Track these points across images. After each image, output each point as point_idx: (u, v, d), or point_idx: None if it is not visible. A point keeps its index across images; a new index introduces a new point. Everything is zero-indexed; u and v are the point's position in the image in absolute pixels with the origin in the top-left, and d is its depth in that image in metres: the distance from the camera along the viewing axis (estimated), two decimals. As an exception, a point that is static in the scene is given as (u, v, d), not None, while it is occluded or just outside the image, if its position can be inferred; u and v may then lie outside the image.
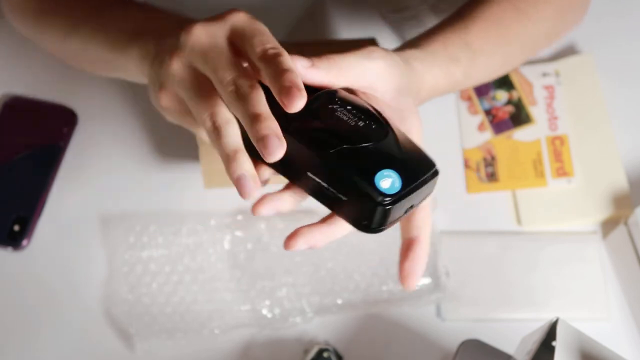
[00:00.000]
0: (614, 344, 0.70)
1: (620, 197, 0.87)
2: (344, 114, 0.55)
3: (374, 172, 0.53)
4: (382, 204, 0.53)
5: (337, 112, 0.55)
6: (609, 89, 0.93)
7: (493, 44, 0.72)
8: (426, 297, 0.83)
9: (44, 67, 0.95)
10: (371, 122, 0.56)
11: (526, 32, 0.76)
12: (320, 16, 0.99)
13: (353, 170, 0.54)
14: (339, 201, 0.55)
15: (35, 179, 0.89)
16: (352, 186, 0.54)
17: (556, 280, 0.85)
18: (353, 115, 0.56)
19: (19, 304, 0.85)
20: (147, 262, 0.85)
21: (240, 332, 0.82)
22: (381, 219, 0.54)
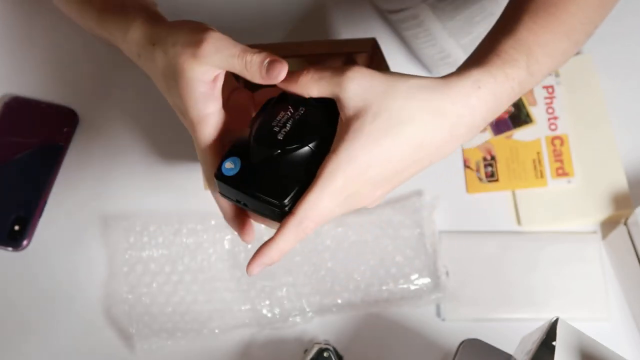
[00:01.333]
0: (614, 344, 0.70)
1: (620, 197, 0.87)
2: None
3: (227, 155, 0.61)
4: (216, 175, 0.61)
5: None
6: (609, 89, 0.93)
7: (551, 38, 0.66)
8: (426, 297, 0.83)
9: (44, 67, 0.95)
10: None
11: (574, 19, 0.69)
12: (320, 16, 0.99)
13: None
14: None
15: (36, 179, 0.89)
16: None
17: (556, 280, 0.85)
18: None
19: (19, 304, 0.85)
20: (147, 262, 0.85)
21: (240, 332, 0.82)
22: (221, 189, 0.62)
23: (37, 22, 0.97)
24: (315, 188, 0.58)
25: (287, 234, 0.59)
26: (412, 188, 0.89)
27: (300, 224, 0.59)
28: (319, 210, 0.59)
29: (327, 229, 0.86)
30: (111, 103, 0.94)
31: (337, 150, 0.58)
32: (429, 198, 0.87)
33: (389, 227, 0.86)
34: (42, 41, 0.96)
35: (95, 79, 0.94)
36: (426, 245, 0.86)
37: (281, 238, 0.60)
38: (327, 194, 0.58)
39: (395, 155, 0.59)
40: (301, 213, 0.59)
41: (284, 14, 0.99)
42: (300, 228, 0.59)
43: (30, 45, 0.97)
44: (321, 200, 0.58)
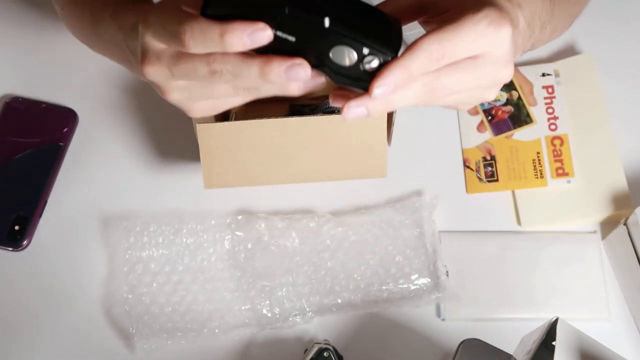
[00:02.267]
0: (614, 344, 0.70)
1: (620, 197, 0.87)
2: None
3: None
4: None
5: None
6: (609, 89, 0.93)
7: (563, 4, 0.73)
8: (426, 297, 0.83)
9: (44, 67, 0.95)
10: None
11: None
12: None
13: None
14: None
15: (36, 179, 0.89)
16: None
17: (556, 280, 0.85)
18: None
19: (19, 304, 0.85)
20: (147, 261, 0.85)
21: (240, 332, 0.82)
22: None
23: (37, 22, 0.97)
24: (456, 22, 0.56)
25: (420, 53, 0.55)
26: (412, 188, 0.89)
27: (433, 47, 0.56)
28: (454, 42, 0.56)
29: (327, 228, 0.86)
30: (111, 103, 0.94)
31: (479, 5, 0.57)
32: (429, 198, 0.87)
33: (389, 227, 0.86)
34: (43, 41, 0.96)
35: (95, 79, 0.94)
36: (426, 245, 0.86)
37: (411, 55, 0.55)
38: (468, 28, 0.56)
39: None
40: (437, 37, 0.56)
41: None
42: (432, 52, 0.56)
43: (30, 45, 0.97)
44: (464, 31, 0.56)
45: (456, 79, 0.58)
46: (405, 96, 0.57)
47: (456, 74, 0.58)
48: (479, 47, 0.58)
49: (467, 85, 0.60)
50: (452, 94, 0.60)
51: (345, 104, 0.56)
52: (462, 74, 0.58)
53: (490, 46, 0.58)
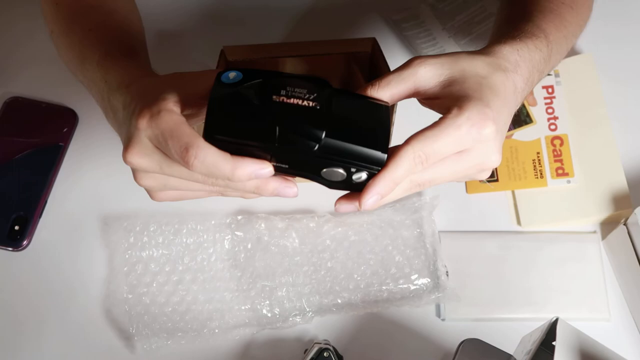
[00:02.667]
0: (614, 344, 0.70)
1: (620, 197, 0.87)
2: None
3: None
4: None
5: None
6: (609, 89, 0.93)
7: (558, 35, 0.73)
8: (426, 297, 0.83)
9: (44, 67, 0.95)
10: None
11: (574, 21, 0.78)
12: (320, 16, 0.99)
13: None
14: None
15: (36, 179, 0.89)
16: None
17: (556, 280, 0.85)
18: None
19: (19, 304, 0.85)
20: (147, 261, 0.85)
21: (240, 332, 0.82)
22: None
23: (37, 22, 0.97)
24: (439, 126, 0.58)
25: (403, 162, 0.58)
26: (412, 188, 0.89)
27: (416, 154, 0.58)
28: (437, 146, 0.58)
29: (327, 228, 0.86)
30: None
31: (462, 102, 0.59)
32: (429, 198, 0.87)
33: (389, 227, 0.86)
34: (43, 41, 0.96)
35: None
36: (426, 245, 0.86)
37: (395, 165, 0.58)
38: (449, 133, 0.58)
39: (502, 105, 0.62)
40: (419, 144, 0.58)
41: (284, 14, 0.99)
42: (416, 158, 0.58)
43: (30, 45, 0.97)
44: (446, 136, 0.58)
45: (441, 172, 0.61)
46: (394, 194, 0.60)
47: (442, 168, 0.60)
48: (462, 146, 0.60)
49: (455, 177, 0.62)
50: (442, 182, 0.62)
51: (338, 203, 0.61)
52: (448, 168, 0.60)
53: (473, 143, 0.60)
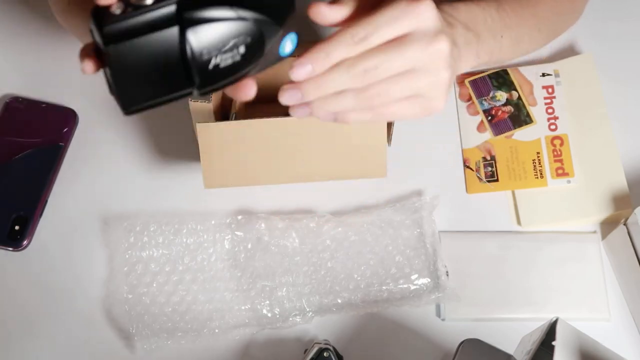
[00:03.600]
0: (614, 344, 0.70)
1: (620, 197, 0.87)
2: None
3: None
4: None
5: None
6: (609, 89, 0.93)
7: (518, 7, 0.75)
8: (426, 297, 0.83)
9: (44, 67, 0.95)
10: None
11: (551, 10, 0.80)
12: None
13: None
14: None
15: (36, 179, 0.89)
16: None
17: (556, 280, 0.85)
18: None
19: (19, 304, 0.85)
20: (147, 261, 0.85)
21: (241, 332, 0.82)
22: None
23: (37, 22, 0.97)
24: (376, 8, 0.57)
25: (337, 35, 0.57)
26: (412, 188, 0.89)
27: (352, 29, 0.57)
28: (374, 22, 0.57)
29: (327, 228, 0.86)
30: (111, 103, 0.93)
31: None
32: (429, 198, 0.87)
33: (389, 227, 0.86)
34: (42, 41, 0.96)
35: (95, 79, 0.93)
36: (426, 245, 0.86)
37: (330, 38, 0.57)
38: (384, 11, 0.57)
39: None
40: (357, 22, 0.57)
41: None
42: (353, 33, 0.57)
43: (30, 45, 0.97)
44: (381, 13, 0.57)
45: (386, 65, 0.58)
46: (342, 101, 0.58)
47: (387, 54, 0.58)
48: (403, 24, 0.58)
49: (404, 83, 0.59)
50: (393, 102, 0.60)
51: (281, 89, 0.58)
52: (393, 55, 0.58)
53: (412, 22, 0.58)
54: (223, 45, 0.54)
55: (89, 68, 0.55)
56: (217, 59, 0.54)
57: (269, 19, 0.55)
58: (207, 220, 0.86)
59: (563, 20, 0.86)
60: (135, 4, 0.52)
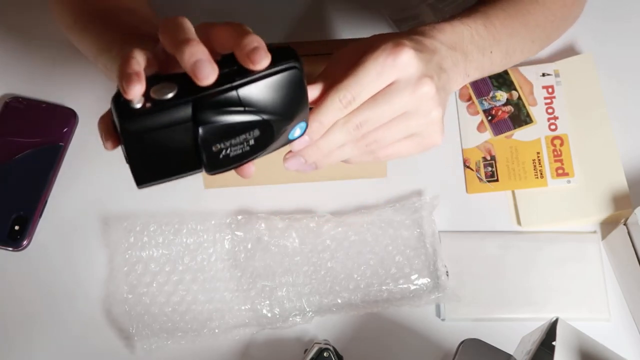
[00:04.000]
0: (614, 344, 0.70)
1: (620, 197, 0.87)
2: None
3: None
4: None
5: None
6: (609, 89, 0.93)
7: (509, 21, 0.76)
8: (426, 297, 0.83)
9: (44, 67, 0.95)
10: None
11: (543, 19, 0.80)
12: (320, 16, 0.99)
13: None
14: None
15: (36, 179, 0.89)
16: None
17: (556, 280, 0.85)
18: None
19: (19, 304, 0.85)
20: (147, 261, 0.85)
21: (240, 332, 0.82)
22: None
23: (37, 22, 0.97)
24: (357, 66, 0.59)
25: (327, 103, 0.59)
26: (412, 188, 0.89)
27: (340, 94, 0.59)
28: (360, 82, 0.59)
29: (327, 228, 0.86)
30: (111, 103, 0.94)
31: (376, 45, 0.60)
32: (429, 198, 0.87)
33: (389, 227, 0.86)
34: (42, 41, 0.96)
35: (95, 79, 0.94)
36: (426, 245, 0.86)
37: (321, 107, 0.59)
38: (366, 67, 0.59)
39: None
40: (342, 84, 0.59)
41: (284, 14, 0.99)
42: (341, 98, 0.59)
43: (30, 45, 0.97)
44: (364, 70, 0.59)
45: (379, 113, 0.61)
46: (343, 152, 0.62)
47: (377, 108, 0.61)
48: (386, 78, 0.60)
49: (398, 127, 0.62)
50: (390, 144, 0.63)
51: (284, 158, 0.62)
52: (383, 108, 0.61)
53: (397, 73, 0.60)
54: (233, 140, 0.57)
55: (110, 146, 0.59)
56: (227, 150, 0.58)
57: (281, 117, 0.58)
58: (207, 220, 0.86)
59: (557, 27, 0.85)
60: (155, 98, 0.54)
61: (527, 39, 0.80)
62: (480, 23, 0.72)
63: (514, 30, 0.76)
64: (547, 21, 0.82)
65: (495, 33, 0.74)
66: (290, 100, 0.57)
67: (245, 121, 0.57)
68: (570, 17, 0.86)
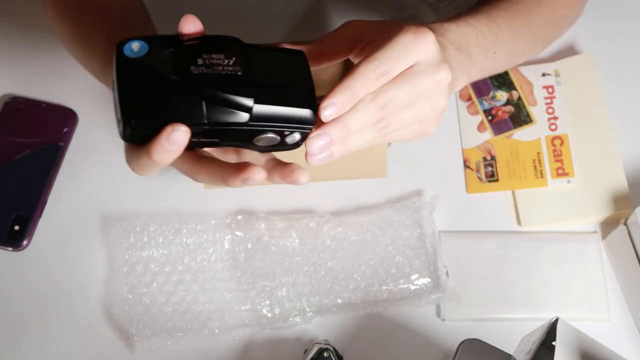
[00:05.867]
0: (614, 344, 0.70)
1: (620, 197, 0.87)
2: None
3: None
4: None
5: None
6: (609, 89, 0.93)
7: (512, 21, 0.76)
8: (426, 297, 0.83)
9: (44, 67, 0.95)
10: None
11: (545, 19, 0.80)
12: (320, 16, 0.99)
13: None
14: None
15: (36, 179, 0.89)
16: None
17: (556, 280, 0.85)
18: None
19: (19, 303, 0.85)
20: (147, 261, 0.85)
21: (240, 332, 0.82)
22: None
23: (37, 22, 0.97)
24: (386, 42, 0.59)
25: (361, 72, 0.58)
26: (412, 188, 0.89)
27: (372, 64, 0.59)
28: (390, 56, 0.59)
29: (327, 228, 0.86)
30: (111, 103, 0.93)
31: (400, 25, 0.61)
32: (429, 198, 0.87)
33: (389, 227, 0.86)
34: (42, 41, 0.96)
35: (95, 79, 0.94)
36: (426, 245, 0.86)
37: (355, 75, 0.58)
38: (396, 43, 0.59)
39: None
40: (375, 56, 0.59)
41: (284, 14, 0.99)
42: (374, 69, 0.59)
43: (30, 45, 0.97)
44: (394, 46, 0.59)
45: (400, 94, 0.61)
46: (359, 119, 0.60)
47: (399, 87, 0.61)
48: (411, 56, 0.60)
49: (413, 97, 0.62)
50: (399, 128, 0.63)
51: (308, 138, 0.59)
52: (404, 88, 0.61)
53: (419, 52, 0.61)
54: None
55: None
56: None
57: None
58: (207, 220, 0.86)
59: (559, 27, 0.86)
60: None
61: (529, 39, 0.80)
62: (485, 24, 0.72)
63: (517, 31, 0.77)
64: (549, 22, 0.82)
65: (499, 33, 0.74)
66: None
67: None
68: (571, 17, 0.87)
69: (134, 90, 0.53)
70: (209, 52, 0.55)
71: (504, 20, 0.75)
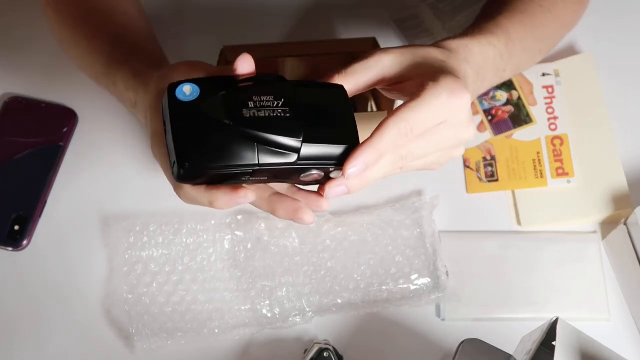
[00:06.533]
0: (614, 344, 0.70)
1: (620, 197, 0.87)
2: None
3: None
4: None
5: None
6: (609, 89, 0.93)
7: (525, 35, 0.76)
8: (426, 297, 0.83)
9: (44, 67, 0.95)
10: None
11: (554, 29, 0.80)
12: (321, 16, 0.99)
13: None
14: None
15: (36, 179, 0.89)
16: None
17: (556, 280, 0.85)
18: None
19: (19, 303, 0.85)
20: (147, 261, 0.85)
21: (240, 332, 0.82)
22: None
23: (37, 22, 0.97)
24: (419, 98, 0.59)
25: (388, 132, 0.58)
26: (412, 188, 0.89)
27: (400, 125, 0.59)
28: (421, 116, 0.59)
29: (327, 228, 0.86)
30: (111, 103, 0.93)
31: (435, 76, 0.61)
32: (429, 198, 0.87)
33: (389, 227, 0.86)
34: (42, 41, 0.96)
35: (95, 79, 0.94)
36: (426, 245, 0.86)
37: (380, 135, 0.59)
38: (430, 103, 0.59)
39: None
40: (403, 114, 0.59)
41: (284, 14, 0.99)
42: (401, 129, 0.59)
43: (30, 45, 0.97)
44: (428, 106, 0.59)
45: (423, 146, 0.62)
46: (379, 170, 0.61)
47: (422, 142, 0.61)
48: (442, 117, 0.61)
49: (434, 150, 0.63)
50: (421, 159, 0.63)
51: (327, 185, 0.60)
52: (428, 142, 0.62)
53: (451, 113, 0.61)
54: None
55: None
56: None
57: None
58: (207, 220, 0.86)
59: (563, 35, 0.86)
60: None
61: (536, 51, 0.80)
62: (504, 43, 0.72)
63: (527, 44, 0.77)
64: (556, 30, 0.82)
65: (513, 51, 0.74)
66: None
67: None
68: (576, 21, 0.87)
69: (188, 134, 0.55)
70: (259, 94, 0.56)
71: (519, 36, 0.74)
